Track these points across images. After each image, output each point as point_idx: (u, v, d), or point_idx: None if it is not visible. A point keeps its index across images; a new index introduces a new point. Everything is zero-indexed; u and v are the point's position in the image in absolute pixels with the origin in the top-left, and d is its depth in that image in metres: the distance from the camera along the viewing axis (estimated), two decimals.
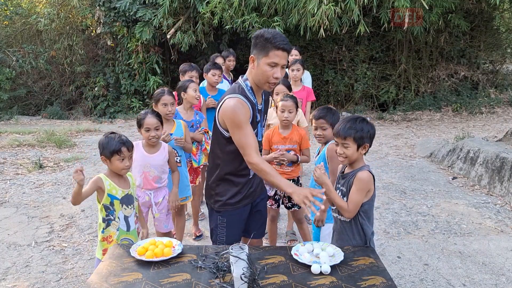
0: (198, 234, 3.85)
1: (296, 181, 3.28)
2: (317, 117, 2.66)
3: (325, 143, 2.69)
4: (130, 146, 2.42)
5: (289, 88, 3.61)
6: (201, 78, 4.43)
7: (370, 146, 2.11)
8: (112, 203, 2.39)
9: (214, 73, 4.17)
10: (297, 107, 3.16)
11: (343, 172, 2.21)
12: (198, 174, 3.83)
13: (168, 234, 3.07)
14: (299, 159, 3.15)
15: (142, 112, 2.91)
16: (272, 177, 2.07)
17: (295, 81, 4.49)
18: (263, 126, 2.40)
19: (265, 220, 2.63)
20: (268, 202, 3.29)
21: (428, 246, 3.62)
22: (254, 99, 2.20)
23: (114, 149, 2.34)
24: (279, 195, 3.31)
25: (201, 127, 3.76)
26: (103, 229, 2.42)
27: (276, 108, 3.26)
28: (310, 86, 5.31)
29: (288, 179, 3.14)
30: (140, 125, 2.86)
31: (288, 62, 5.23)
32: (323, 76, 10.74)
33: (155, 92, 3.28)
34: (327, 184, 2.10)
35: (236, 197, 2.31)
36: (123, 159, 2.37)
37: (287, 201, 3.28)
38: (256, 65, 2.12)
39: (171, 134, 3.23)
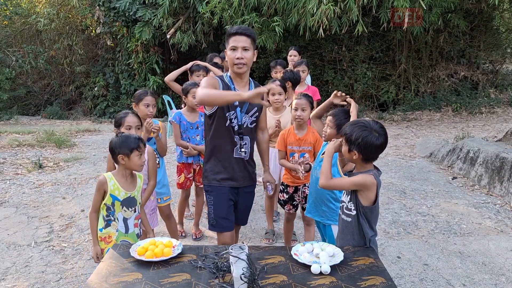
0: (198, 236, 3.84)
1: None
2: (329, 114, 2.58)
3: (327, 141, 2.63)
4: (144, 142, 2.50)
5: (284, 88, 3.60)
6: None
7: (363, 155, 2.00)
8: (113, 204, 2.40)
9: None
10: (311, 106, 3.11)
11: (351, 171, 2.19)
12: None
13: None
14: (312, 167, 3.04)
15: (122, 112, 2.94)
16: (224, 96, 2.33)
17: (300, 81, 4.48)
18: (245, 114, 2.56)
19: (247, 211, 2.83)
20: (286, 207, 3.34)
21: (428, 246, 3.62)
22: (231, 84, 2.54)
23: (134, 146, 2.37)
24: (297, 200, 3.28)
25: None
26: (102, 228, 2.43)
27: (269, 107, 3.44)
28: None
29: (304, 184, 3.21)
30: (119, 124, 2.86)
31: (291, 59, 5.23)
32: (323, 76, 10.74)
33: (137, 92, 3.29)
34: (328, 153, 2.15)
35: (220, 175, 2.57)
36: (141, 155, 2.42)
37: (304, 202, 3.22)
38: (227, 56, 2.51)
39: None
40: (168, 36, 9.53)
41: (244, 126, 2.57)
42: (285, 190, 3.31)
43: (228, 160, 2.57)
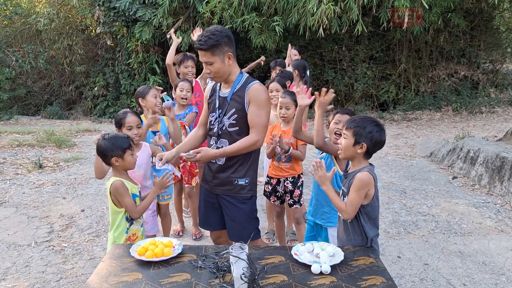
0: (198, 236, 3.84)
1: (297, 178, 3.26)
2: (343, 112, 2.64)
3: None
4: (132, 140, 2.52)
5: (283, 86, 3.69)
6: (198, 70, 4.18)
7: (370, 149, 2.03)
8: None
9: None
10: (296, 103, 3.06)
11: (347, 171, 2.19)
12: (193, 175, 3.78)
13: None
14: (290, 150, 3.14)
15: (121, 112, 2.88)
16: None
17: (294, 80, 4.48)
18: (225, 116, 2.43)
19: (234, 225, 2.53)
20: (271, 198, 3.38)
21: (428, 245, 3.62)
22: (218, 86, 2.53)
23: (126, 146, 2.38)
24: (281, 192, 3.32)
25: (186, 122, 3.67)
26: (127, 229, 2.41)
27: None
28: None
29: (290, 177, 3.23)
30: (120, 125, 2.82)
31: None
32: (323, 75, 10.74)
33: (140, 88, 3.32)
34: (327, 184, 2.11)
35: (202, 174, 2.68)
36: (133, 153, 2.42)
37: (289, 198, 3.29)
38: None
39: (156, 132, 3.22)
40: (168, 36, 9.51)
41: (223, 129, 2.45)
42: (269, 182, 3.38)
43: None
